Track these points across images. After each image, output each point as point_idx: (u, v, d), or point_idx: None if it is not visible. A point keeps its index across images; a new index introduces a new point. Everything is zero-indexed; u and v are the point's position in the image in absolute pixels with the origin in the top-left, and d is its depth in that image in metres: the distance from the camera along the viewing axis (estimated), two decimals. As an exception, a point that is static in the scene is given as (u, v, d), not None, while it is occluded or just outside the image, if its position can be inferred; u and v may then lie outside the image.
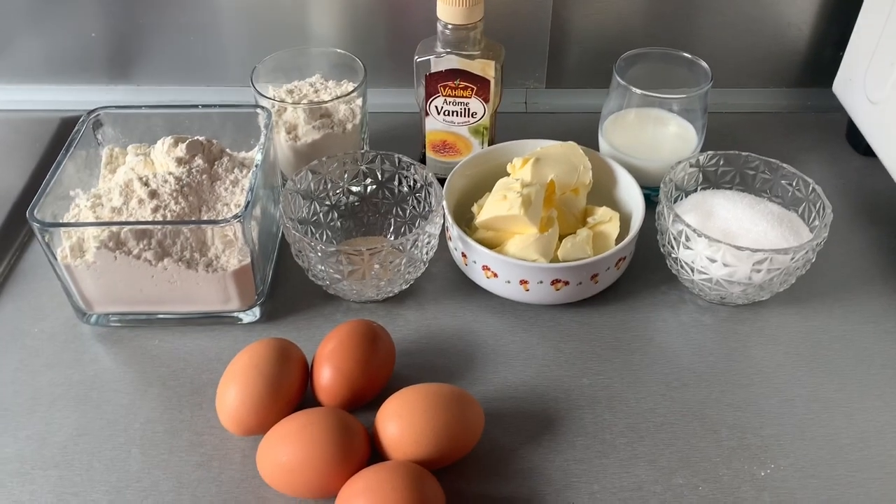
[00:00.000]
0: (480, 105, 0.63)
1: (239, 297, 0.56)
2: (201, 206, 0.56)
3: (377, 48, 0.79)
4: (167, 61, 0.80)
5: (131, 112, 0.62)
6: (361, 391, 0.50)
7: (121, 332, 0.58)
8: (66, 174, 0.57)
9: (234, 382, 0.49)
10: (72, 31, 0.78)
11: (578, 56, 0.80)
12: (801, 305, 0.60)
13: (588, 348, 0.57)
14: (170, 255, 0.53)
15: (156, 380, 0.55)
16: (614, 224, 0.59)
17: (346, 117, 0.66)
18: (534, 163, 0.59)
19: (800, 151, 0.75)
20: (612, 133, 0.67)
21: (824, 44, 0.79)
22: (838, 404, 0.53)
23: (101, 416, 0.52)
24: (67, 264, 0.53)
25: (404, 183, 0.63)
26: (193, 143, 0.58)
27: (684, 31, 0.78)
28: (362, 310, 0.60)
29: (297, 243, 0.55)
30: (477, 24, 0.60)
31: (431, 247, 0.58)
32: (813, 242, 0.54)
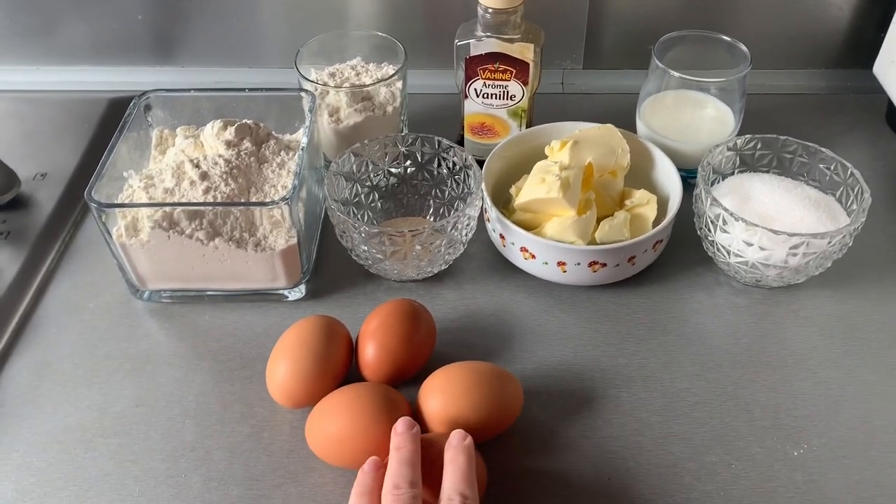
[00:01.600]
0: (519, 88, 0.64)
1: (286, 276, 0.58)
2: (250, 187, 0.58)
3: (416, 29, 0.80)
4: (211, 43, 0.81)
5: (180, 95, 0.64)
6: (404, 367, 0.52)
7: (172, 308, 0.60)
8: (119, 155, 0.59)
9: (283, 357, 0.51)
10: (118, 14, 0.80)
11: (616, 37, 0.80)
12: (836, 288, 0.60)
13: (624, 329, 0.58)
14: (220, 235, 0.55)
15: (207, 354, 0.57)
16: (652, 207, 0.60)
17: (387, 100, 0.67)
18: (572, 145, 0.60)
19: (839, 134, 0.74)
20: (650, 115, 0.67)
21: (865, 24, 0.78)
22: (873, 387, 0.54)
23: (156, 388, 0.55)
24: (123, 243, 0.56)
25: (444, 165, 0.64)
26: (242, 127, 0.59)
27: (722, 11, 0.78)
28: (402, 289, 0.61)
29: (342, 224, 0.57)
30: (517, 9, 0.61)
31: (471, 228, 0.59)
32: (850, 227, 0.54)
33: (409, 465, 0.43)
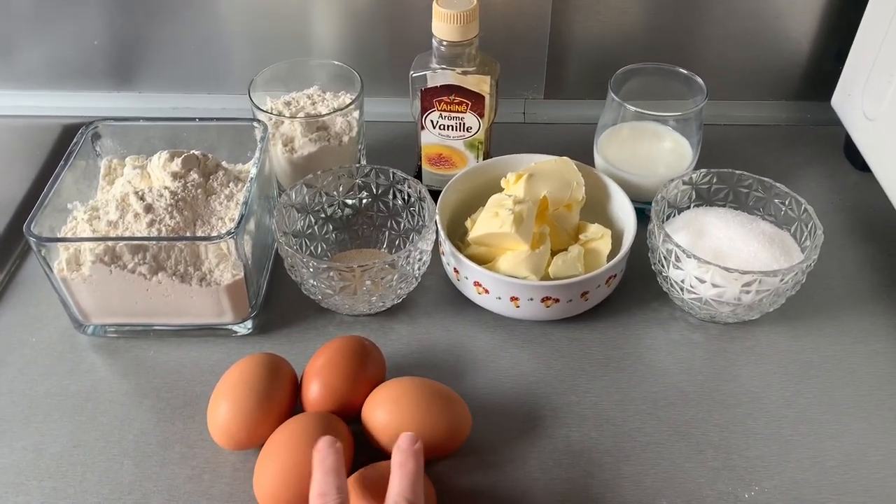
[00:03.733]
0: (475, 120, 0.64)
1: (232, 311, 0.57)
2: (196, 220, 0.57)
3: (377, 58, 0.80)
4: (169, 69, 0.80)
5: (130, 124, 0.63)
6: (349, 407, 0.50)
7: (117, 343, 0.59)
8: (65, 186, 0.58)
9: (224, 398, 0.49)
10: (74, 39, 0.78)
11: (577, 68, 0.80)
12: (791, 324, 0.60)
13: (578, 365, 0.57)
14: (164, 270, 0.54)
15: (150, 391, 0.56)
16: (606, 241, 0.60)
17: (343, 130, 0.67)
18: (527, 179, 0.60)
19: (798, 166, 0.75)
20: (607, 148, 0.67)
21: (824, 57, 0.78)
22: (825, 426, 0.53)
23: (95, 427, 0.53)
24: (64, 277, 0.54)
25: (399, 196, 0.63)
26: (189, 158, 0.58)
27: (684, 43, 0.78)
28: (355, 323, 0.60)
29: (290, 258, 0.56)
30: (472, 41, 0.60)
31: (423, 262, 0.59)
32: (803, 265, 0.54)
33: (333, 472, 0.42)
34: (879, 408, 0.54)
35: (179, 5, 0.76)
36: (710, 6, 0.75)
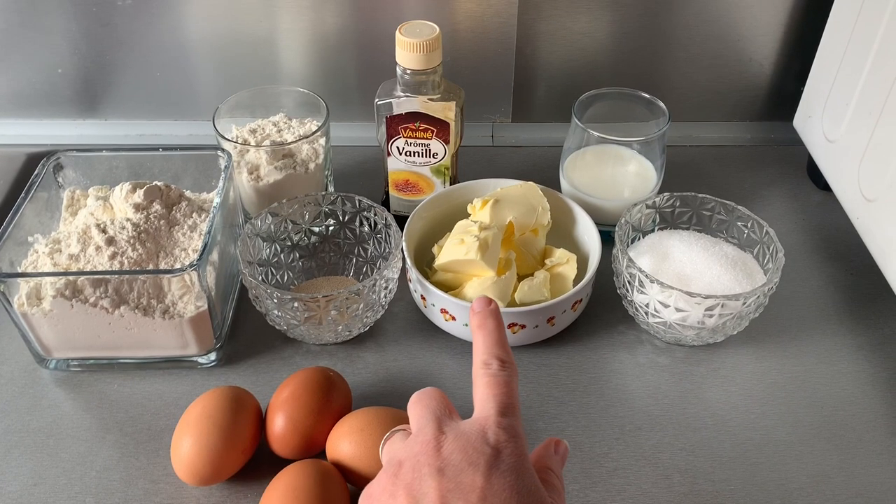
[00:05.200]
0: (441, 146, 0.64)
1: (197, 343, 0.56)
2: (159, 251, 0.56)
3: (344, 83, 0.80)
4: (134, 96, 0.80)
5: (92, 155, 0.62)
6: (314, 440, 0.50)
7: (80, 377, 0.58)
8: (26, 218, 0.57)
9: (188, 433, 0.49)
10: (39, 66, 0.78)
11: (544, 91, 0.80)
12: (756, 345, 0.60)
13: (545, 391, 0.57)
14: (126, 303, 0.53)
15: (114, 426, 0.55)
16: (571, 266, 0.60)
17: (309, 157, 0.67)
18: (493, 204, 0.60)
19: (762, 186, 0.75)
20: (573, 172, 0.67)
21: (786, 78, 0.80)
22: (790, 447, 0.54)
23: (57, 464, 0.52)
24: (24, 312, 0.54)
25: (365, 223, 0.63)
26: (151, 189, 0.58)
27: (648, 66, 0.79)
28: (322, 352, 0.60)
29: (254, 289, 0.56)
30: (436, 69, 0.61)
31: (390, 290, 0.59)
32: (764, 288, 0.54)
33: (495, 340, 0.38)
34: (843, 428, 0.55)
35: (144, 32, 0.75)
36: (674, 30, 0.76)
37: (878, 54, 0.60)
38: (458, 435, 0.35)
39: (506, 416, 0.35)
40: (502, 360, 0.38)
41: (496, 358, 0.38)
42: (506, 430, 0.35)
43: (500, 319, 0.40)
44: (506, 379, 0.37)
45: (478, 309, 0.40)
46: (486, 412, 0.36)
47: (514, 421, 0.36)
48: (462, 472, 0.33)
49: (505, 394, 0.36)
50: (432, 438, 0.35)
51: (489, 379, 0.37)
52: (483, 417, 0.36)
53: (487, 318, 0.39)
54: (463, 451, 0.34)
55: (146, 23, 0.75)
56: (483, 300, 0.40)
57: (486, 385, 0.37)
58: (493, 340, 0.38)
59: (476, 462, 0.33)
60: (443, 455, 0.34)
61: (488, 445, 0.34)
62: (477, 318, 0.40)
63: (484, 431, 0.35)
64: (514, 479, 0.33)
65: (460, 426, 0.36)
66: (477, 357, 0.38)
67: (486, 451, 0.34)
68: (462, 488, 0.33)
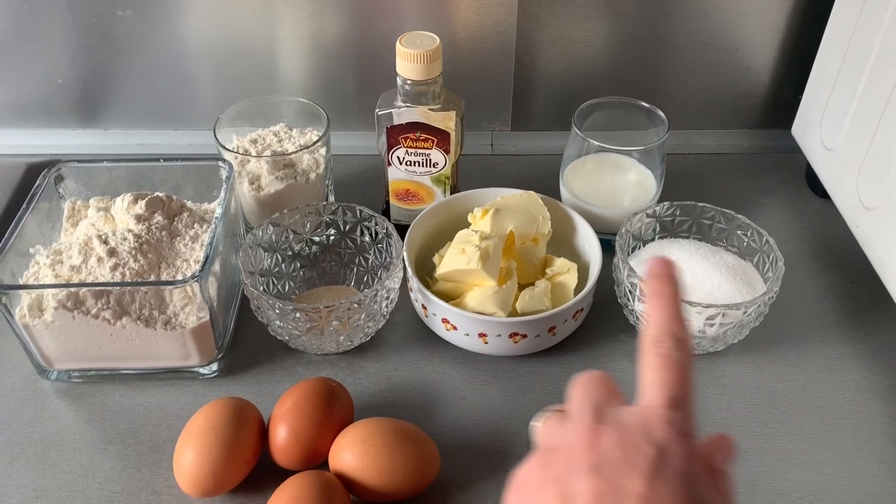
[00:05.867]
0: (441, 156, 0.64)
1: (198, 354, 0.56)
2: (160, 262, 0.56)
3: (344, 92, 0.80)
4: (134, 106, 0.80)
5: (93, 165, 0.62)
6: (316, 451, 0.50)
7: (82, 388, 0.58)
8: (27, 229, 0.57)
9: (190, 444, 0.49)
10: (38, 77, 0.78)
11: (543, 100, 0.81)
12: (757, 354, 0.60)
13: (547, 400, 0.57)
14: (128, 314, 0.53)
15: (115, 437, 0.55)
16: (572, 275, 0.60)
17: (310, 167, 0.67)
18: (493, 214, 0.60)
19: (760, 194, 0.76)
20: (573, 181, 0.68)
21: (784, 86, 0.80)
22: (791, 456, 0.54)
23: (59, 476, 0.52)
24: (26, 323, 0.54)
25: (366, 233, 0.64)
26: (153, 200, 0.58)
27: (647, 74, 0.79)
28: (323, 362, 0.60)
29: (256, 300, 0.56)
30: (436, 79, 0.61)
31: (391, 300, 0.59)
32: (765, 297, 0.55)
33: (672, 314, 0.33)
34: (843, 436, 0.55)
35: (144, 42, 0.76)
36: (672, 38, 0.77)
37: (876, 63, 0.60)
38: (619, 427, 0.30)
39: (676, 408, 0.31)
40: (679, 337, 0.32)
41: (671, 335, 0.32)
42: (675, 426, 0.30)
43: (679, 287, 0.34)
44: (680, 362, 0.32)
45: (656, 271, 0.34)
46: (653, 401, 0.31)
47: (686, 416, 0.31)
48: (620, 473, 0.29)
49: (677, 380, 0.31)
50: (589, 429, 0.31)
51: (660, 360, 0.32)
52: (648, 409, 0.31)
53: (666, 285, 0.33)
54: (623, 447, 0.29)
55: (146, 33, 0.75)
56: (662, 261, 0.34)
57: (655, 367, 0.32)
58: (670, 313, 0.33)
59: (637, 463, 0.29)
60: (600, 450, 0.30)
61: (653, 444, 0.29)
62: (654, 283, 0.34)
63: (648, 426, 0.30)
64: (682, 487, 0.29)
65: (622, 416, 0.31)
66: (648, 331, 0.33)
67: (649, 451, 0.29)
68: (619, 493, 0.28)
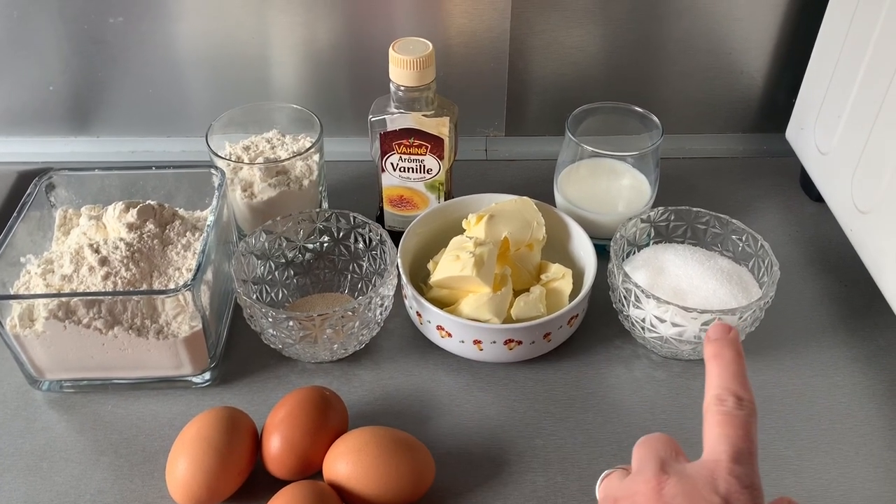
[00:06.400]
0: (435, 162, 0.64)
1: (191, 363, 0.56)
2: (152, 271, 0.56)
3: (337, 98, 0.80)
4: (126, 113, 0.80)
5: (85, 174, 0.62)
6: (310, 461, 0.50)
7: (74, 398, 0.57)
8: (18, 238, 0.57)
9: (183, 455, 0.49)
10: (30, 84, 0.78)
11: (537, 105, 0.81)
12: (752, 358, 0.60)
13: (542, 407, 0.57)
14: (120, 324, 0.53)
15: (108, 447, 0.54)
16: (567, 281, 0.60)
17: (303, 173, 0.66)
18: (488, 220, 0.60)
19: (755, 198, 0.76)
20: (567, 186, 0.67)
21: (778, 90, 0.80)
22: (787, 462, 0.53)
23: (50, 487, 0.52)
24: (16, 334, 0.53)
25: (360, 240, 0.63)
26: (144, 209, 0.58)
27: (641, 79, 0.79)
28: (317, 370, 0.60)
29: (249, 308, 0.55)
30: (430, 85, 0.61)
31: (385, 308, 0.58)
32: (760, 302, 0.54)
33: (733, 373, 0.34)
34: (840, 441, 0.55)
35: (136, 49, 0.75)
36: (665, 43, 0.77)
37: (870, 66, 0.60)
38: (683, 478, 0.32)
39: (740, 463, 0.32)
40: (740, 396, 0.34)
41: (732, 394, 0.34)
42: (739, 479, 0.31)
43: (739, 350, 0.36)
44: (744, 419, 0.33)
45: (714, 336, 0.36)
46: (717, 455, 0.32)
47: (750, 470, 0.32)
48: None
49: (741, 437, 0.32)
50: (653, 478, 0.32)
51: (723, 417, 0.33)
52: (713, 461, 0.32)
53: (725, 348, 0.35)
54: (688, 497, 0.31)
55: (138, 40, 0.75)
56: (722, 327, 0.36)
57: (718, 424, 0.33)
58: (731, 373, 0.34)
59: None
60: (664, 498, 0.31)
61: (718, 495, 0.31)
62: (713, 347, 0.36)
63: (713, 478, 0.31)
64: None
65: (686, 469, 0.33)
66: (710, 391, 0.34)
67: (714, 500, 0.30)
68: None
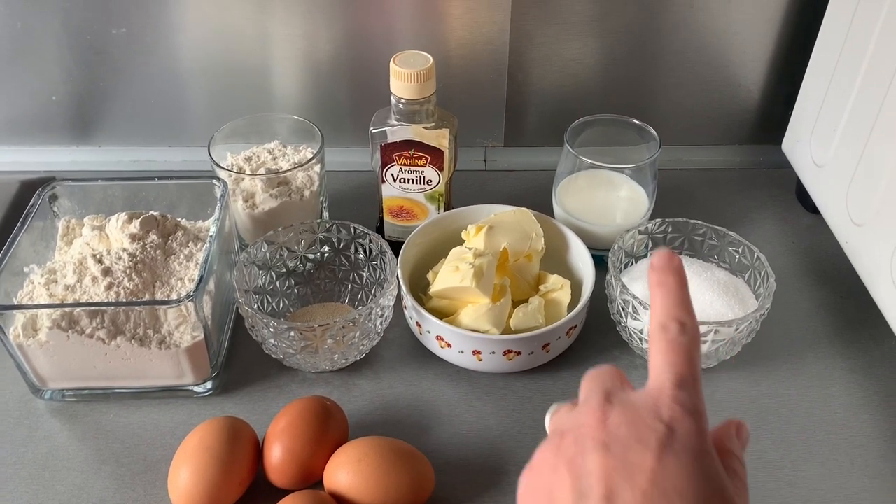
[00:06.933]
0: (435, 173, 0.64)
1: (193, 372, 0.56)
2: (155, 281, 0.56)
3: (338, 108, 0.80)
4: (129, 122, 0.80)
5: (88, 184, 0.62)
6: (311, 470, 0.50)
7: (76, 407, 0.58)
8: (21, 249, 0.57)
9: (185, 464, 0.49)
10: (33, 93, 0.78)
11: (536, 116, 0.81)
12: (749, 369, 0.61)
13: (541, 417, 0.57)
14: (123, 334, 0.54)
15: (110, 457, 0.55)
16: (566, 292, 0.61)
17: (304, 184, 0.67)
18: (487, 231, 0.61)
19: (752, 209, 0.76)
20: (565, 197, 0.68)
21: (774, 102, 0.81)
22: (783, 472, 0.54)
23: (52, 496, 0.52)
24: (20, 343, 0.53)
25: (360, 250, 0.64)
26: (147, 219, 0.58)
27: (638, 90, 0.80)
28: (318, 380, 0.60)
29: (250, 318, 0.56)
30: (430, 98, 0.61)
31: (386, 318, 0.59)
32: (756, 314, 0.55)
33: (676, 300, 0.33)
34: (835, 452, 0.55)
35: (139, 60, 0.76)
36: (663, 56, 0.77)
37: (866, 80, 0.61)
38: (627, 407, 0.32)
39: (683, 388, 0.31)
40: (683, 322, 0.33)
41: (676, 320, 0.33)
42: (682, 404, 0.31)
43: (683, 276, 0.34)
44: (686, 345, 0.32)
45: (658, 264, 0.35)
46: (660, 383, 0.32)
47: (694, 395, 0.32)
48: (630, 449, 0.30)
49: (683, 363, 0.32)
50: (598, 408, 0.32)
51: (666, 345, 0.33)
52: (656, 389, 0.32)
53: (668, 275, 0.34)
54: (631, 424, 0.31)
55: (140, 51, 0.75)
56: (665, 255, 0.35)
57: (661, 351, 0.33)
58: (675, 300, 0.34)
59: (646, 439, 0.30)
60: (609, 427, 0.31)
61: (661, 422, 0.30)
62: (656, 275, 0.35)
63: (656, 405, 0.31)
64: (691, 461, 0.29)
65: (630, 397, 0.32)
66: (654, 319, 0.34)
67: (657, 427, 0.30)
68: (629, 468, 0.29)
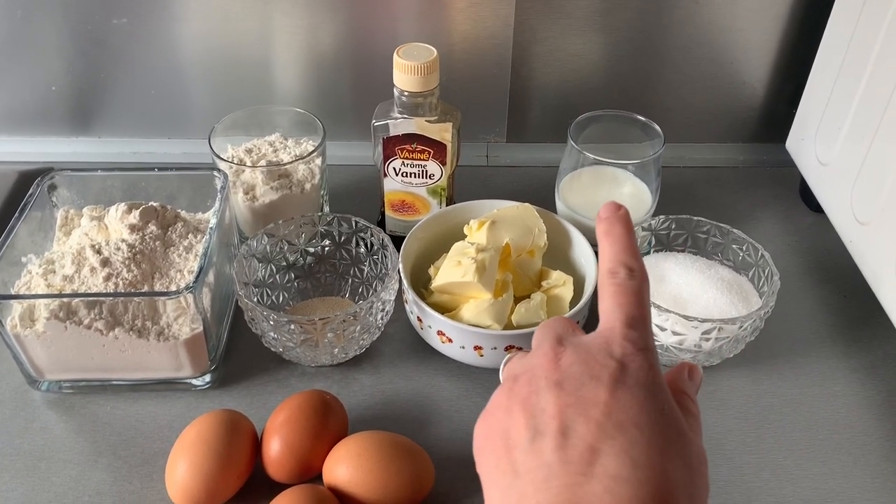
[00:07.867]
0: (438, 167, 0.64)
1: (191, 365, 0.56)
2: (154, 273, 0.56)
3: (340, 102, 0.80)
4: (128, 114, 0.80)
5: (87, 174, 0.62)
6: (310, 464, 0.50)
7: (73, 399, 0.57)
8: (19, 238, 0.57)
9: (183, 457, 0.49)
10: (33, 84, 0.77)
11: (539, 112, 0.81)
12: (751, 368, 0.60)
13: (541, 413, 0.57)
14: (121, 325, 0.53)
15: (107, 449, 0.54)
16: (568, 288, 0.60)
17: (305, 177, 0.66)
18: (489, 226, 0.60)
19: (755, 208, 0.76)
20: (568, 193, 0.68)
21: (779, 101, 0.80)
22: (786, 471, 0.54)
23: (48, 488, 0.52)
24: (17, 333, 0.53)
25: (362, 244, 0.63)
26: (147, 210, 0.58)
27: (642, 87, 0.80)
28: (317, 374, 0.60)
29: (250, 311, 0.55)
30: (433, 91, 0.61)
31: (387, 312, 0.58)
32: (760, 311, 0.55)
33: (623, 247, 0.35)
34: (838, 451, 0.55)
35: (139, 51, 0.75)
36: (668, 52, 0.77)
37: (871, 78, 0.61)
38: (579, 348, 0.32)
39: (633, 327, 0.33)
40: (630, 267, 0.34)
41: (623, 265, 0.34)
42: (633, 342, 0.32)
43: (629, 225, 0.36)
44: (634, 288, 0.34)
45: (605, 215, 0.36)
46: (611, 323, 0.33)
47: (644, 333, 0.33)
48: (583, 385, 0.31)
49: (634, 304, 0.33)
50: (550, 350, 0.33)
51: (616, 288, 0.34)
52: (607, 329, 0.33)
53: (615, 224, 0.36)
54: (584, 363, 0.31)
55: (141, 42, 0.75)
56: (612, 206, 0.37)
57: (611, 295, 0.34)
58: (621, 247, 0.35)
59: (598, 375, 0.31)
60: (561, 368, 0.32)
61: (612, 358, 0.31)
62: (603, 224, 0.36)
63: (608, 344, 0.32)
64: (644, 394, 0.30)
65: (582, 339, 0.33)
66: (603, 265, 0.35)
67: (609, 364, 0.31)
68: (583, 403, 0.30)
